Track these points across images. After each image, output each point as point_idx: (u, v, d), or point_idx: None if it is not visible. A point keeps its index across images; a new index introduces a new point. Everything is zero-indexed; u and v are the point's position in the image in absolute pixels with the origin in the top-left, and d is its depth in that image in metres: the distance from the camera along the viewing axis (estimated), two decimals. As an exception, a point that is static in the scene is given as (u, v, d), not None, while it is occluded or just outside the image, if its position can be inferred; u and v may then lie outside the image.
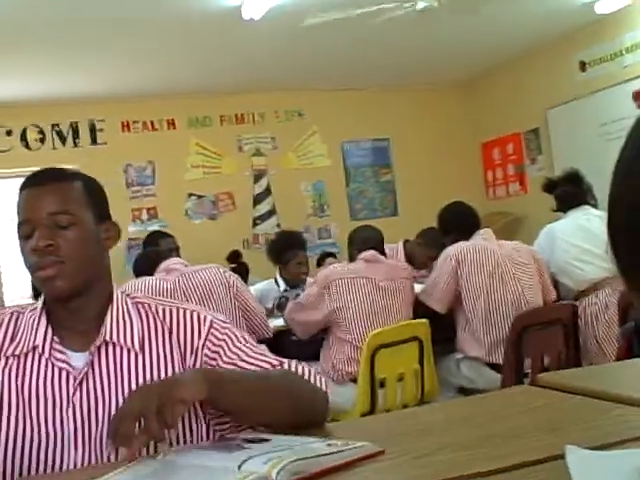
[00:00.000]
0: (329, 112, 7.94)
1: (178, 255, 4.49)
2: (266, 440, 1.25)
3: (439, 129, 8.35)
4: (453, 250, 3.90)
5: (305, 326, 3.87)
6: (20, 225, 1.48)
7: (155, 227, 7.07)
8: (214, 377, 1.29)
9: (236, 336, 1.53)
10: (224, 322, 1.55)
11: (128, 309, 1.51)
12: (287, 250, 4.78)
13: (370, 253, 3.87)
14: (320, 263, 5.97)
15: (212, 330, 1.50)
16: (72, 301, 1.47)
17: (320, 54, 6.68)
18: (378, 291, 3.78)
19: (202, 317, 1.52)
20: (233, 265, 6.04)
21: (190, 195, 7.55)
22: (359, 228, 4.19)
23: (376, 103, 8.11)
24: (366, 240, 3.96)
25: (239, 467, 1.09)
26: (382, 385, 3.57)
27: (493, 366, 3.77)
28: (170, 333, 1.50)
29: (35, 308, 1.52)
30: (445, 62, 7.44)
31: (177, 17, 5.36)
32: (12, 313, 1.52)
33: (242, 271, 5.58)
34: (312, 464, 1.11)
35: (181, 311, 1.53)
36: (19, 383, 1.42)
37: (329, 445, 1.20)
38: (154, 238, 5.02)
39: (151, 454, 1.27)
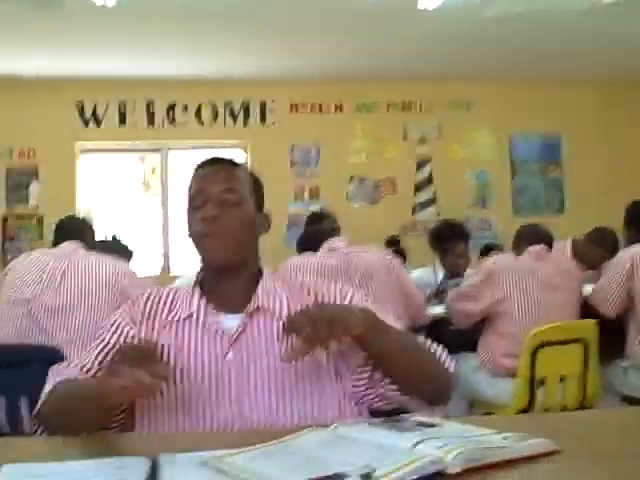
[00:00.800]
0: (498, 103, 7.72)
1: (338, 236, 4.50)
2: (438, 425, 1.22)
3: (618, 128, 7.90)
4: (629, 253, 3.74)
5: (465, 315, 3.81)
6: (193, 196, 1.63)
7: (316, 207, 7.14)
8: (374, 321, 1.45)
9: (374, 307, 1.61)
10: (365, 296, 1.68)
11: (275, 284, 1.64)
12: (448, 240, 4.72)
13: (539, 247, 3.76)
14: (483, 255, 5.84)
15: (353, 301, 1.63)
16: (228, 273, 1.61)
17: (492, 45, 6.52)
18: (544, 287, 3.66)
19: (344, 290, 1.66)
20: (391, 250, 6.02)
21: (352, 178, 7.60)
22: (529, 224, 4.10)
23: (549, 97, 7.81)
24: (536, 235, 3.86)
25: (414, 447, 1.08)
26: (541, 384, 3.45)
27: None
28: (301, 298, 1.62)
29: (188, 287, 1.66)
30: (631, 57, 7.02)
31: (353, 3, 5.37)
32: (170, 289, 1.69)
33: (400, 257, 5.54)
34: (488, 454, 1.09)
35: (324, 285, 1.67)
36: (179, 345, 1.55)
37: (505, 438, 1.17)
38: (317, 217, 5.06)
39: (322, 425, 1.26)
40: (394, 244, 6.17)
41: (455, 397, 3.84)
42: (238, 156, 7.25)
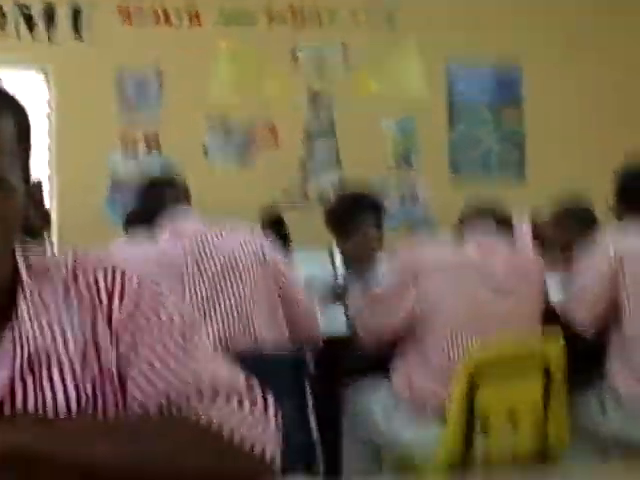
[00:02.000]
0: (433, 18, 7.88)
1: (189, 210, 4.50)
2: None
3: (602, 54, 8.16)
4: (615, 242, 3.90)
5: (377, 330, 3.86)
6: None
7: (156, 166, 7.13)
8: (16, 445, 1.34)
9: (165, 311, 1.55)
10: (156, 285, 1.59)
11: (40, 291, 1.53)
12: (352, 217, 4.78)
13: (486, 235, 3.86)
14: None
15: (139, 306, 1.54)
16: None
17: None
18: (492, 290, 3.76)
19: (127, 279, 1.56)
20: (269, 230, 6.07)
21: (212, 123, 7.61)
22: (482, 201, 4.21)
23: (506, 10, 8.03)
24: (490, 216, 3.96)
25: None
26: (483, 426, 3.52)
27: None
28: (93, 310, 1.53)
29: None
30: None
31: None
32: None
33: (282, 241, 5.59)
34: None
35: (100, 272, 1.56)
36: None
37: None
38: (157, 183, 5.01)
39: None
40: (273, 222, 6.20)
41: (354, 446, 3.94)
42: (34, 86, 7.21)
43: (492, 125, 8.18)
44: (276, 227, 5.92)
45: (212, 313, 3.56)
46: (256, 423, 1.49)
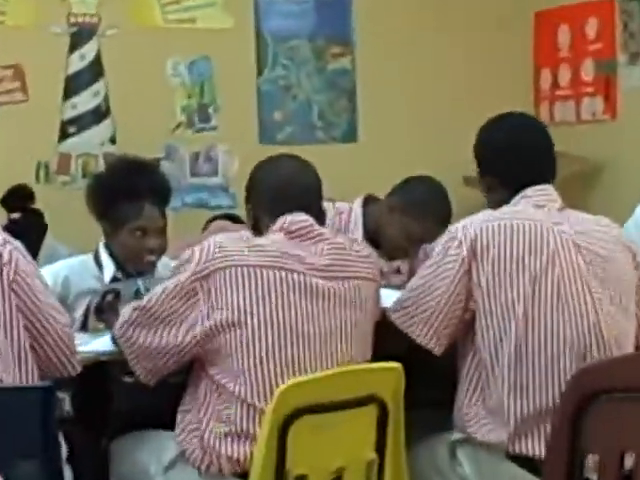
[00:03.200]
0: None
1: None
2: None
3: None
4: (464, 228, 3.90)
5: (154, 356, 3.80)
6: None
7: None
8: None
9: None
10: None
11: None
12: (120, 200, 4.73)
13: (298, 219, 3.84)
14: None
15: None
16: None
17: None
18: (307, 297, 3.75)
19: None
20: (16, 215, 5.98)
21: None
22: (273, 161, 4.16)
23: None
24: (289, 191, 3.93)
25: None
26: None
27: (521, 460, 3.78)
28: None
29: None
30: None
31: None
32: None
33: (32, 228, 5.51)
34: None
35: None
36: None
37: None
38: None
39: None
40: (21, 202, 6.14)
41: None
42: None
43: (313, 67, 8.22)
44: (25, 212, 5.87)
45: None
46: None
